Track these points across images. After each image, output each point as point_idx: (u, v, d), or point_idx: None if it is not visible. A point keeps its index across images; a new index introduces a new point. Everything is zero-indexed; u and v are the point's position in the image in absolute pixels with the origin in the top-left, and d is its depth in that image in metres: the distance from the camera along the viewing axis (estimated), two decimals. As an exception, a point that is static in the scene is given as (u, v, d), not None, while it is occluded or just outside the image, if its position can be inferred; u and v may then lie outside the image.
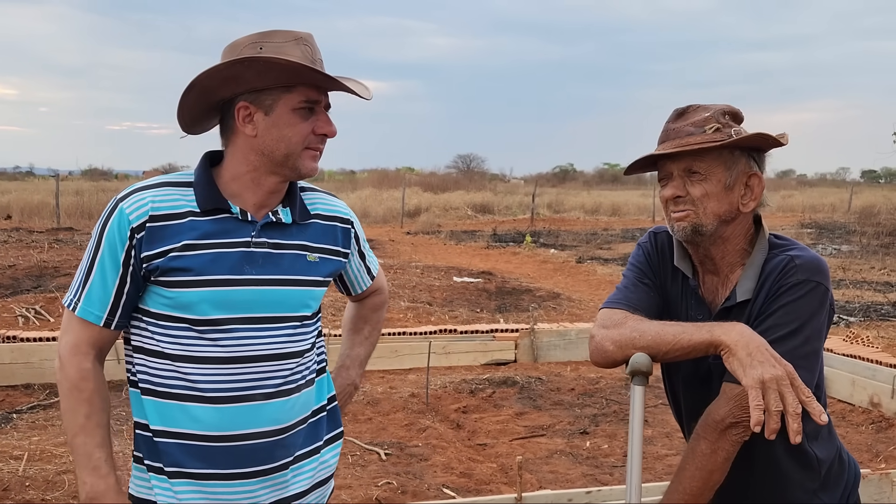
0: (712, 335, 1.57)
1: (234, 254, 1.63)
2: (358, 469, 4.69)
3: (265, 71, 1.58)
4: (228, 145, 1.69)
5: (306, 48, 1.62)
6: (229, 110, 1.65)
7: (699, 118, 1.70)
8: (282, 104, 1.62)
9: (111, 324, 1.63)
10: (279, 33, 1.61)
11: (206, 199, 1.64)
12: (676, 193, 1.71)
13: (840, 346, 6.84)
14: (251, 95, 1.62)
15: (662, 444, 5.20)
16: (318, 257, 1.75)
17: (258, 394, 1.64)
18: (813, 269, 1.66)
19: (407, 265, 14.20)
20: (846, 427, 5.72)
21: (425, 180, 40.66)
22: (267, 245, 1.67)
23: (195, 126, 1.73)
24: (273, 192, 1.69)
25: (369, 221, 25.24)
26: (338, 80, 1.63)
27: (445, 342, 7.31)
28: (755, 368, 1.49)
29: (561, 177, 57.91)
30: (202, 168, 1.69)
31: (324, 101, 1.67)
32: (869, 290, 11.81)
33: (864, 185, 49.66)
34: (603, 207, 30.09)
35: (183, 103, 1.64)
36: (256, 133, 1.63)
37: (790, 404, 1.45)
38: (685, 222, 1.71)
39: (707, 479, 1.63)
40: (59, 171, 31.47)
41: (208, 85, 1.61)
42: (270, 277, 1.66)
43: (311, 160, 1.67)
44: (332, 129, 1.68)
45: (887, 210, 22.04)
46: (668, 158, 1.71)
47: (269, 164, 1.65)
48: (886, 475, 4.07)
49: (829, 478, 1.77)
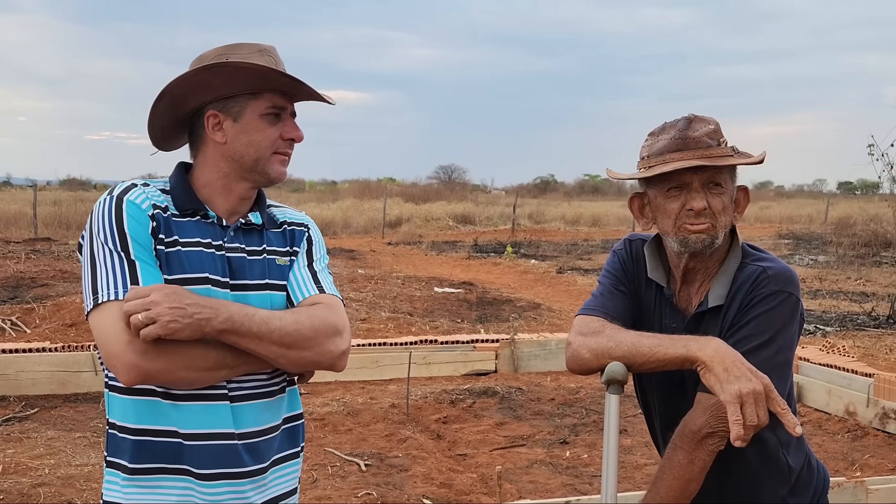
0: (688, 350, 1.59)
1: (208, 255, 1.64)
2: (338, 480, 4.68)
3: (233, 77, 1.62)
4: (198, 155, 1.72)
5: (270, 59, 1.66)
6: (198, 120, 1.69)
7: (709, 129, 1.71)
8: (249, 110, 1.66)
9: None
10: (244, 46, 1.66)
11: (184, 203, 1.67)
12: (706, 206, 1.70)
13: (816, 355, 6.91)
14: (219, 104, 1.66)
15: (642, 454, 5.23)
16: (288, 260, 1.77)
17: (238, 395, 1.64)
18: (784, 280, 1.69)
19: (388, 276, 14.18)
20: (822, 436, 5.78)
21: (407, 191, 40.66)
22: (239, 250, 1.69)
23: (165, 141, 1.76)
24: (244, 198, 1.72)
25: (350, 232, 25.21)
26: (303, 83, 1.67)
27: (426, 353, 7.30)
28: (732, 384, 1.50)
29: (542, 188, 58.11)
30: (178, 175, 1.71)
31: (290, 107, 1.72)
32: (845, 301, 11.94)
33: (840, 196, 50.21)
34: (583, 218, 30.24)
35: (153, 113, 1.67)
36: (226, 140, 1.67)
37: (763, 420, 1.50)
38: (706, 235, 1.70)
39: (684, 489, 1.65)
40: (36, 181, 31.17)
41: (178, 94, 1.65)
42: (246, 282, 1.67)
43: (279, 164, 1.71)
44: (300, 133, 1.73)
45: (863, 221, 22.31)
46: (693, 170, 1.68)
47: (239, 170, 1.69)
48: (862, 483, 4.12)
49: (799, 483, 1.80)
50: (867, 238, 19.68)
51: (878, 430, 5.76)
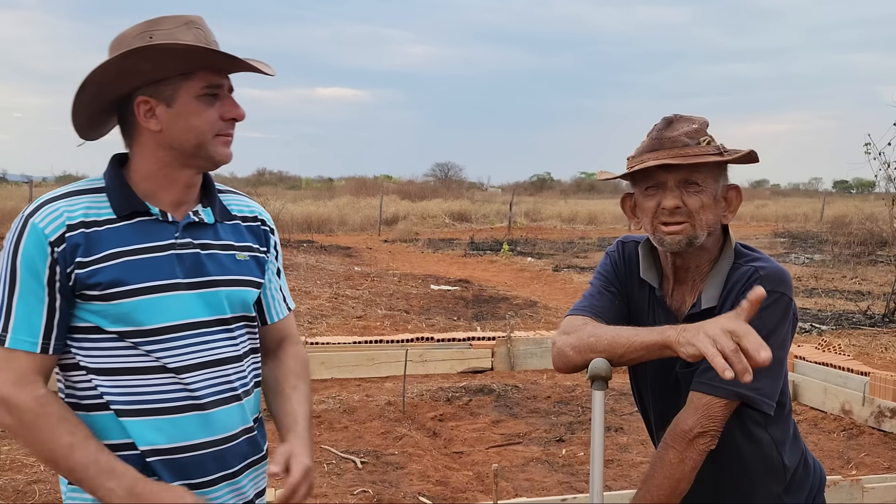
0: (663, 336, 1.57)
1: (162, 258, 1.55)
2: (334, 478, 4.68)
3: (161, 59, 1.49)
4: (133, 145, 1.59)
5: (199, 31, 1.53)
6: (127, 107, 1.55)
7: (690, 129, 1.71)
8: (183, 93, 1.53)
9: (49, 348, 1.50)
10: (168, 19, 1.53)
11: (122, 204, 1.55)
12: (677, 204, 1.70)
13: (812, 354, 6.92)
14: (149, 88, 1.52)
15: (638, 452, 5.23)
16: (248, 255, 1.68)
17: (206, 402, 1.57)
18: (777, 280, 1.68)
19: (384, 273, 14.19)
20: (818, 434, 5.79)
21: (403, 188, 40.65)
22: (193, 246, 1.59)
23: (92, 130, 1.62)
24: (189, 185, 1.61)
25: (346, 229, 25.19)
26: (240, 59, 1.54)
27: (422, 350, 7.30)
28: (697, 334, 1.47)
29: (538, 185, 58.15)
30: (112, 171, 1.59)
31: (226, 84, 1.59)
32: (841, 299, 11.96)
33: (836, 195, 50.34)
34: (579, 216, 30.28)
35: (77, 104, 1.53)
36: (161, 127, 1.54)
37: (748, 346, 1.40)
38: (681, 235, 1.70)
39: (674, 488, 1.65)
40: (32, 178, 31.07)
41: (102, 82, 1.51)
42: (203, 280, 1.58)
43: (223, 146, 1.59)
44: (240, 111, 1.60)
45: (859, 220, 22.37)
46: (664, 168, 1.70)
47: (180, 158, 1.57)
48: (857, 481, 4.13)
49: (794, 481, 1.80)
50: (863, 237, 19.71)
51: (873, 428, 5.77)
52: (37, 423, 1.47)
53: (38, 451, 1.51)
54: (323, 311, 10.08)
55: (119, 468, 1.48)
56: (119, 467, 1.49)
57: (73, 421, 1.50)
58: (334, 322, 9.44)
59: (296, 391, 1.76)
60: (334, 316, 9.80)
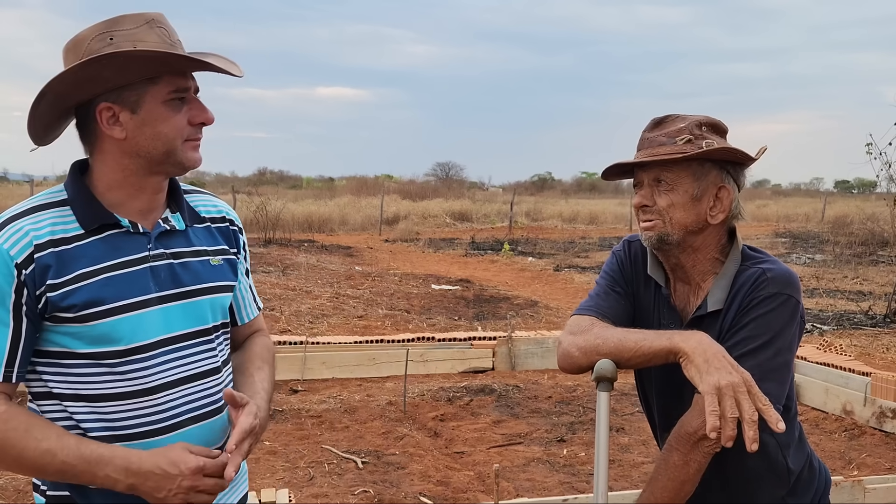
0: (671, 342, 1.59)
1: (136, 273, 1.49)
2: (335, 478, 4.67)
3: (126, 66, 1.41)
4: (95, 152, 1.51)
5: (161, 30, 1.46)
6: (88, 113, 1.47)
7: (674, 129, 1.71)
8: (149, 98, 1.45)
9: (11, 376, 1.44)
10: (128, 18, 1.45)
11: (90, 217, 1.47)
12: (643, 202, 1.74)
13: (813, 354, 6.92)
14: (112, 94, 1.44)
15: (639, 452, 5.22)
16: (221, 259, 1.63)
17: (185, 419, 1.52)
18: (784, 283, 1.68)
19: (385, 273, 14.18)
20: (819, 435, 5.78)
21: (404, 188, 40.65)
22: (166, 256, 1.53)
23: (47, 136, 1.53)
24: (157, 192, 1.55)
25: (347, 229, 25.19)
26: (208, 62, 1.47)
27: (423, 350, 7.29)
28: (711, 375, 1.50)
29: (539, 185, 58.15)
30: (75, 182, 1.51)
31: (193, 85, 1.52)
32: (842, 299, 11.95)
33: (837, 195, 50.29)
34: (580, 216, 30.25)
35: (34, 114, 1.45)
36: (126, 135, 1.46)
37: (746, 411, 1.46)
38: (651, 231, 1.73)
39: (679, 490, 1.64)
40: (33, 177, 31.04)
41: (61, 91, 1.44)
42: (179, 291, 1.53)
43: (192, 151, 1.53)
44: (209, 115, 1.52)
45: (860, 220, 22.34)
46: (640, 167, 1.74)
47: (147, 165, 1.50)
48: (859, 482, 4.12)
49: (799, 484, 1.80)
50: (864, 237, 19.69)
51: (875, 429, 5.77)
52: (6, 442, 1.41)
53: (21, 465, 1.44)
54: (324, 310, 10.08)
55: (105, 454, 1.43)
56: (105, 453, 1.43)
57: (40, 425, 1.43)
58: (335, 322, 9.44)
59: (260, 371, 1.70)
60: (335, 315, 9.80)
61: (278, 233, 20.02)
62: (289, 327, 8.86)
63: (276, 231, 19.96)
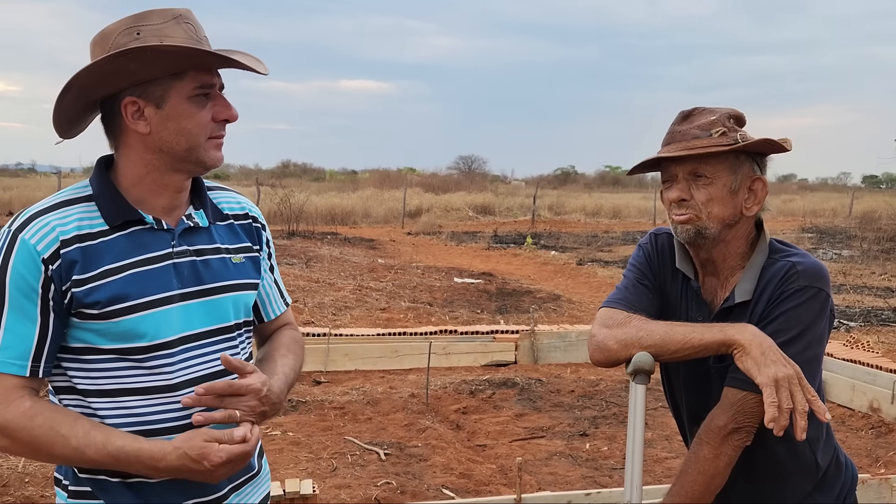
0: (725, 335, 1.59)
1: (160, 269, 1.49)
2: (357, 469, 4.70)
3: (152, 61, 1.41)
4: (119, 147, 1.51)
5: (189, 26, 1.46)
6: (113, 107, 1.47)
7: (705, 121, 1.70)
8: (174, 94, 1.46)
9: (38, 371, 1.44)
10: (155, 13, 1.45)
11: (114, 213, 1.48)
12: (681, 196, 1.71)
13: (840, 350, 6.84)
14: (137, 89, 1.44)
15: (662, 447, 5.20)
16: (243, 258, 1.63)
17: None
18: (814, 276, 1.66)
19: (408, 266, 14.21)
20: (846, 432, 5.72)
21: (427, 181, 40.68)
22: (189, 253, 1.53)
23: (72, 129, 1.54)
24: (179, 190, 1.55)
25: (370, 222, 25.26)
26: (234, 59, 1.47)
27: (446, 343, 7.31)
28: (769, 367, 1.52)
29: (562, 179, 57.88)
30: (100, 177, 1.51)
31: (218, 82, 1.51)
32: (869, 296, 11.81)
33: (865, 190, 49.67)
34: (604, 210, 30.09)
35: (59, 107, 1.46)
36: (150, 130, 1.46)
37: (799, 402, 1.51)
38: (688, 225, 1.71)
39: (708, 484, 1.64)
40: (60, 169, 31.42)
41: (87, 84, 1.44)
42: (201, 288, 1.53)
43: (215, 150, 1.53)
44: (233, 112, 1.52)
45: (888, 215, 22.04)
46: (674, 161, 1.72)
47: (170, 162, 1.50)
48: (886, 480, 4.07)
49: (826, 479, 1.79)
50: (892, 232, 19.43)
51: (902, 426, 5.70)
52: (33, 440, 1.42)
53: (51, 458, 1.46)
54: (347, 302, 10.12)
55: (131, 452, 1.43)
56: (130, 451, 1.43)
57: (67, 422, 1.43)
58: (358, 314, 9.48)
59: (284, 358, 1.69)
60: (358, 308, 9.84)
61: (302, 225, 20.11)
62: (312, 319, 8.91)
63: (300, 223, 20.05)
